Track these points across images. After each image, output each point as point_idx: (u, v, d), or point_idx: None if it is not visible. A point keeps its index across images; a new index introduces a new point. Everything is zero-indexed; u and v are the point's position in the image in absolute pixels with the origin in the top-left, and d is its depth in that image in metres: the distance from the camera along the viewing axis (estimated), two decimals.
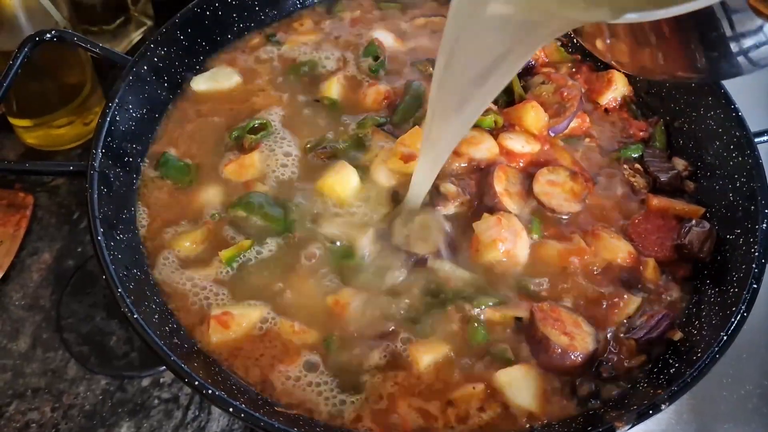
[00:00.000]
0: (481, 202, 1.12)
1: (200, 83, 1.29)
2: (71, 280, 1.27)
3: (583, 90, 1.29)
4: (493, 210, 1.09)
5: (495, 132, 1.20)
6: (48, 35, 1.17)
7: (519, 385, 0.94)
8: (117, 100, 1.12)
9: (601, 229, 1.10)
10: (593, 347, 0.96)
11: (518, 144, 1.19)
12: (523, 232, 1.08)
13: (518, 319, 1.00)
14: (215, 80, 1.30)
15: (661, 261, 1.09)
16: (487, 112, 1.19)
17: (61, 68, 1.37)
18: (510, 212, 1.09)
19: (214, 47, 1.34)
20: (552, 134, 1.23)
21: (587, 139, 1.26)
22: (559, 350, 0.94)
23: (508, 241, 1.05)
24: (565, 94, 1.25)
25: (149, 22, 1.67)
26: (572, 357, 0.94)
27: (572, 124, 1.24)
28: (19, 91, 1.31)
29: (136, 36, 1.64)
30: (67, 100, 1.39)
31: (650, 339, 0.99)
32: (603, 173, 1.21)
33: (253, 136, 1.18)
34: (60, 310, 1.24)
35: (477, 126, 1.17)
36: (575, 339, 0.96)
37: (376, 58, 1.34)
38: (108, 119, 1.09)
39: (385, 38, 1.38)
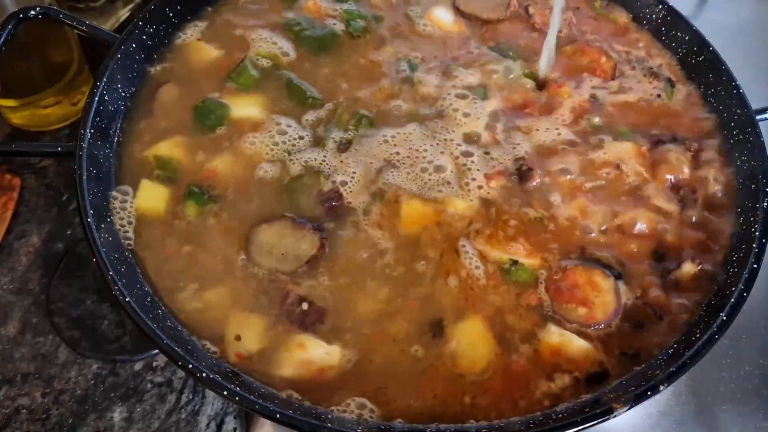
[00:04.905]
0: None
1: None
2: (61, 264, 1.25)
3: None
4: None
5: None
6: (32, 12, 1.13)
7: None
8: (105, 79, 1.09)
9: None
10: (615, 306, 0.93)
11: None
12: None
13: None
14: None
15: None
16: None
17: (46, 46, 1.33)
18: None
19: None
20: None
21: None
22: (575, 325, 0.92)
23: None
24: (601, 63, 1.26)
25: None
26: (593, 329, 0.92)
27: None
28: (4, 70, 1.28)
29: (124, 13, 1.61)
30: (54, 80, 1.36)
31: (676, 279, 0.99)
32: None
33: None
34: (50, 294, 1.22)
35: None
36: (594, 307, 0.93)
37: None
38: (96, 99, 1.06)
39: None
